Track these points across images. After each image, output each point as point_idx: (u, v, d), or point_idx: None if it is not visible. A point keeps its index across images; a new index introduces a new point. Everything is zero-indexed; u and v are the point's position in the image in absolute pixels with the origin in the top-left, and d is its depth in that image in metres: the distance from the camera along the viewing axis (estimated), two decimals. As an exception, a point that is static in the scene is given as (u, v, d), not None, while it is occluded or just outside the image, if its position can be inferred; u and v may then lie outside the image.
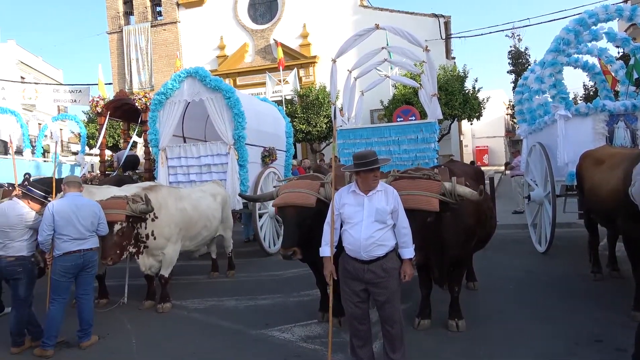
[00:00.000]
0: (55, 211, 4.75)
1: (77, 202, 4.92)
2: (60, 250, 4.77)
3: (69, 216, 4.77)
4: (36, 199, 5.04)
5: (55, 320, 4.78)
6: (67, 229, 4.75)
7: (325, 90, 19.18)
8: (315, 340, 4.84)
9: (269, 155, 9.40)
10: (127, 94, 11.62)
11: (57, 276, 4.79)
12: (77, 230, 4.80)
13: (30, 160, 14.53)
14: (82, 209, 4.91)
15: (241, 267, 8.06)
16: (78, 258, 4.82)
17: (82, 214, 4.86)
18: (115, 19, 25.18)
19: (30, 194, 5.03)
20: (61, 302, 4.85)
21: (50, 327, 4.75)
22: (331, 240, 3.76)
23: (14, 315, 4.91)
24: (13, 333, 4.91)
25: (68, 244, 4.76)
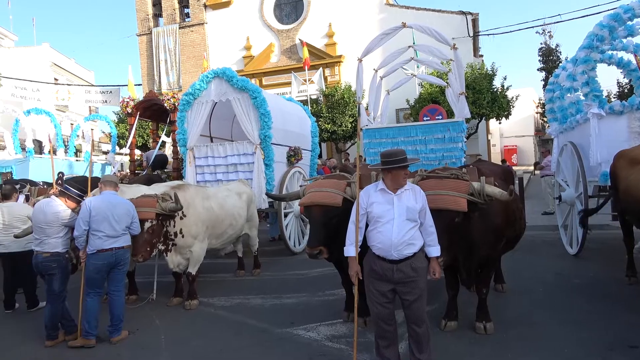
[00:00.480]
0: (92, 207, 4.91)
1: (112, 201, 5.08)
2: (94, 248, 4.90)
3: (105, 213, 4.92)
4: (72, 197, 5.20)
5: (93, 311, 4.97)
6: (102, 226, 4.89)
7: (350, 89, 19.13)
8: (341, 339, 4.84)
9: (295, 155, 9.44)
10: (156, 94, 11.83)
11: (91, 273, 4.96)
12: (112, 227, 4.94)
13: (64, 159, 14.97)
14: (118, 207, 5.06)
15: (267, 266, 8.12)
16: (110, 256, 4.97)
17: (117, 212, 5.01)
18: (144, 21, 25.70)
19: (67, 192, 5.20)
20: (97, 294, 5.03)
21: (90, 318, 4.94)
22: (356, 240, 3.74)
23: (49, 309, 5.08)
24: (47, 327, 5.08)
25: (101, 241, 4.90)
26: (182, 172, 9.83)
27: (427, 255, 3.72)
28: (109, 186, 5.23)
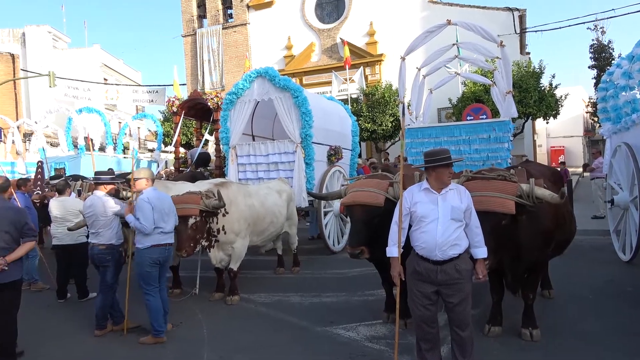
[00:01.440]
0: (152, 203, 4.96)
1: (161, 196, 5.16)
2: (150, 242, 4.96)
3: (160, 208, 5.02)
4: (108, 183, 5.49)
5: (158, 309, 5.00)
6: (159, 221, 4.99)
7: (391, 88, 18.94)
8: (381, 340, 4.81)
9: (335, 154, 9.44)
10: (200, 94, 12.11)
11: (147, 268, 4.99)
12: (166, 222, 5.06)
13: (112, 156, 15.58)
14: (165, 202, 5.16)
15: (306, 264, 8.16)
16: (164, 251, 5.07)
17: (166, 208, 5.12)
18: (189, 23, 26.36)
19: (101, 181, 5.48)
20: (155, 291, 5.05)
21: (156, 317, 4.97)
22: (399, 241, 3.69)
23: (100, 300, 5.30)
24: (98, 316, 5.30)
25: (159, 236, 5.00)
26: (224, 170, 10.02)
27: (473, 256, 3.63)
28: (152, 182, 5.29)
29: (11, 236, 4.21)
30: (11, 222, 4.22)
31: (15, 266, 4.27)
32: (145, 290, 5.01)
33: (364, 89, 19.67)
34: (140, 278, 5.02)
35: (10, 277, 4.21)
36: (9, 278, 4.20)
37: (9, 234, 4.19)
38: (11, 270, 4.21)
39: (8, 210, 4.31)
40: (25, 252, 4.35)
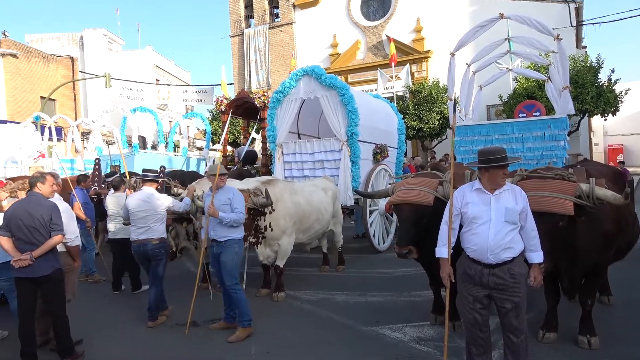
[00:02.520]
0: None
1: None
2: (240, 235, 5.16)
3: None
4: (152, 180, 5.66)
5: (244, 299, 5.11)
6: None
7: (438, 85, 18.56)
8: (428, 342, 4.71)
9: (381, 152, 9.34)
10: (247, 93, 12.29)
11: (237, 261, 5.13)
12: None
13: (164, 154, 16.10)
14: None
15: (350, 263, 8.13)
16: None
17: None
18: (237, 23, 26.87)
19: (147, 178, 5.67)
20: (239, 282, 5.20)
21: (243, 306, 5.07)
22: (449, 241, 3.59)
23: (154, 292, 5.49)
24: (152, 309, 5.50)
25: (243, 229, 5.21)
26: (270, 168, 10.14)
27: (528, 261, 3.47)
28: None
29: (39, 231, 4.33)
30: (37, 218, 4.33)
31: (46, 261, 4.36)
32: (236, 280, 5.10)
33: (410, 87, 19.39)
34: (232, 270, 5.06)
35: (39, 272, 4.32)
36: (38, 273, 4.32)
37: (36, 229, 4.32)
38: (40, 265, 4.32)
39: (36, 207, 4.40)
40: (51, 247, 4.39)
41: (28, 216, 4.31)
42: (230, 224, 4.96)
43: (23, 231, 4.31)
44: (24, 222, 4.30)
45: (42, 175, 4.70)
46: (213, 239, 5.05)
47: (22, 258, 4.25)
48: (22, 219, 4.31)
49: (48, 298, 4.49)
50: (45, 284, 4.41)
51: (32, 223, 4.31)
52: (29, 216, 4.31)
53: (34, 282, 4.38)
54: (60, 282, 4.59)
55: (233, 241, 5.05)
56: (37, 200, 4.48)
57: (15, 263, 4.27)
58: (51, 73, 24.32)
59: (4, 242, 4.37)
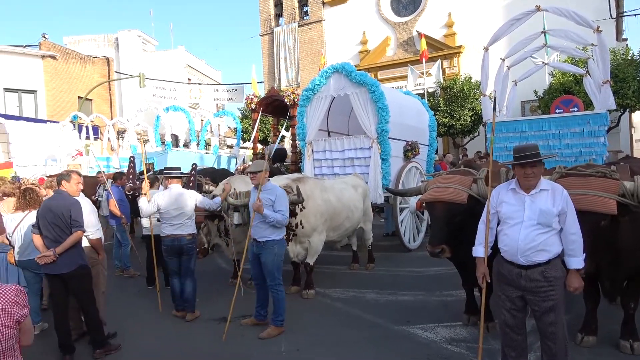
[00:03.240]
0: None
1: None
2: (282, 235, 5.12)
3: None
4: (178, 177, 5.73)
5: (284, 301, 5.14)
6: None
7: (470, 81, 18.16)
8: (461, 343, 4.62)
9: (412, 150, 9.22)
10: (277, 91, 12.36)
11: (282, 257, 5.14)
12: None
13: (195, 152, 16.37)
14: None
15: (380, 261, 8.07)
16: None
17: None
18: (267, 22, 27.04)
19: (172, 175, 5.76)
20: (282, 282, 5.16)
21: (280, 307, 5.11)
22: (486, 240, 3.50)
23: (190, 285, 5.62)
24: (190, 302, 5.62)
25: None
26: (300, 166, 10.15)
27: (566, 265, 3.32)
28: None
29: (60, 228, 4.43)
30: (60, 216, 4.42)
31: (69, 257, 4.46)
32: (279, 281, 5.09)
33: (441, 83, 19.07)
34: (275, 269, 5.05)
35: (63, 269, 4.43)
36: (61, 269, 4.43)
37: (58, 226, 4.43)
38: (64, 262, 4.41)
39: (59, 205, 4.49)
40: (72, 243, 4.45)
41: (52, 214, 4.43)
42: (273, 224, 4.92)
43: (48, 229, 4.43)
44: (49, 219, 4.43)
45: (67, 173, 4.82)
46: (254, 238, 5.07)
47: (45, 255, 4.36)
48: (47, 217, 4.43)
49: (75, 294, 4.61)
50: (71, 280, 4.51)
51: (55, 221, 4.42)
52: (52, 214, 4.43)
53: (60, 278, 4.50)
54: (86, 277, 4.68)
55: (273, 242, 5.01)
56: (61, 197, 4.59)
57: (40, 260, 4.39)
58: (88, 74, 25.07)
59: (35, 240, 4.53)
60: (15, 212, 5.25)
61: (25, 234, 5.07)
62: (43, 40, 22.93)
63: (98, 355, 4.54)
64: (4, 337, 2.08)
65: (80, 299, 4.62)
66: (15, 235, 5.11)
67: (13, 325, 2.12)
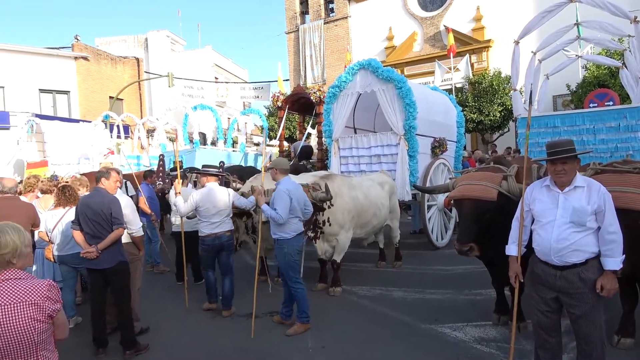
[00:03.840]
0: (291, 193, 5.00)
1: (297, 186, 5.24)
2: (295, 231, 5.05)
3: (300, 199, 5.10)
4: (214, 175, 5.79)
5: (305, 297, 5.12)
6: (297, 211, 5.07)
7: (500, 76, 17.79)
8: (491, 343, 4.53)
9: (440, 146, 9.09)
10: (303, 88, 12.39)
11: (296, 256, 5.07)
12: (302, 212, 5.15)
13: (223, 150, 16.57)
14: (301, 192, 5.23)
15: (407, 259, 7.99)
16: (302, 239, 5.20)
17: (303, 197, 5.22)
18: (292, 19, 27.12)
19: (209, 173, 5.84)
20: (301, 279, 5.18)
21: (305, 304, 5.12)
22: (519, 239, 3.41)
23: (229, 281, 5.69)
24: (228, 297, 5.71)
25: (300, 224, 5.14)
26: (326, 163, 10.14)
27: (603, 266, 3.16)
28: (284, 173, 5.23)
29: (100, 225, 4.55)
30: (99, 213, 4.54)
31: (110, 253, 4.58)
32: (295, 279, 5.08)
33: (469, 78, 18.74)
34: (288, 268, 5.06)
35: (105, 264, 4.56)
36: (103, 264, 4.57)
37: (98, 223, 4.55)
38: (106, 257, 4.55)
39: (98, 202, 4.60)
40: (113, 240, 4.58)
41: (91, 211, 4.55)
42: (273, 220, 4.93)
43: (88, 225, 4.56)
44: (88, 216, 4.55)
45: (107, 170, 4.94)
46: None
47: (89, 250, 4.51)
48: (87, 214, 4.56)
49: (114, 289, 4.73)
50: (111, 275, 4.64)
51: (95, 217, 4.54)
52: (92, 211, 4.55)
53: (101, 273, 4.64)
54: (125, 273, 4.80)
55: (282, 241, 5.01)
56: (100, 195, 4.70)
57: (84, 255, 4.55)
58: (119, 74, 25.67)
59: (76, 235, 4.67)
60: (55, 209, 5.41)
61: (65, 230, 5.23)
62: (76, 42, 23.60)
63: (128, 356, 4.63)
64: (37, 331, 2.14)
65: (118, 295, 4.74)
66: (56, 231, 5.27)
67: (46, 320, 2.18)
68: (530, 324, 4.42)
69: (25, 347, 2.12)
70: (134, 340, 4.74)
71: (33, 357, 2.16)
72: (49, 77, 21.74)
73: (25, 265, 2.25)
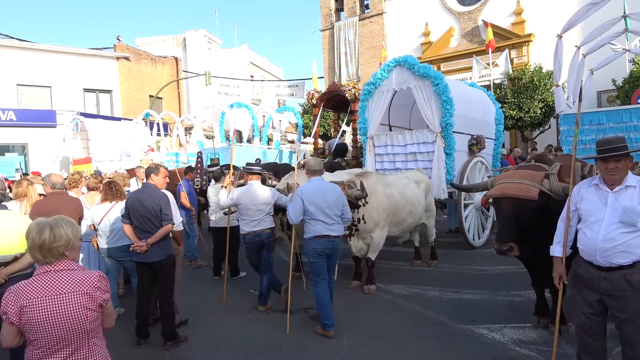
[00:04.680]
0: (303, 194, 4.88)
1: (323, 187, 5.02)
2: (312, 234, 4.91)
3: (318, 201, 4.86)
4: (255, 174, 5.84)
5: (323, 302, 4.92)
6: (318, 213, 4.86)
7: (541, 71, 17.24)
8: (530, 346, 4.43)
9: (477, 144, 8.91)
10: (338, 86, 12.39)
11: (312, 258, 4.94)
12: (325, 214, 4.88)
13: (258, 147, 16.80)
14: (330, 193, 4.99)
15: (443, 258, 7.89)
16: (327, 243, 4.90)
17: (331, 199, 4.96)
18: (327, 17, 27.11)
19: (252, 171, 5.89)
20: (321, 283, 4.96)
21: (322, 309, 4.93)
22: (565, 239, 3.31)
23: (267, 279, 5.75)
24: (264, 294, 5.79)
25: (319, 227, 4.90)
26: (361, 160, 10.11)
27: None
28: (317, 173, 5.13)
29: (150, 220, 4.71)
30: (149, 208, 4.69)
31: (159, 247, 4.74)
32: (314, 281, 5.00)
33: (509, 73, 18.25)
34: (309, 268, 5.07)
35: (154, 257, 4.72)
36: (152, 258, 4.73)
37: (148, 218, 4.70)
38: (155, 251, 4.71)
39: (148, 197, 4.75)
40: (162, 236, 4.74)
41: (141, 206, 4.72)
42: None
43: (138, 219, 4.73)
44: (139, 211, 4.71)
45: (156, 166, 5.10)
46: None
47: (139, 244, 4.69)
48: (137, 209, 4.72)
49: (160, 282, 4.88)
50: (159, 269, 4.81)
51: (145, 212, 4.71)
52: (142, 206, 4.71)
53: (150, 266, 4.80)
54: (172, 267, 4.97)
55: (305, 240, 5.00)
56: (150, 190, 4.86)
57: (134, 249, 4.73)
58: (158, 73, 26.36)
59: (126, 229, 4.86)
60: (102, 203, 5.64)
61: (111, 224, 5.44)
62: (118, 42, 24.36)
63: (169, 347, 4.77)
64: (88, 319, 2.26)
65: (163, 288, 4.90)
66: (102, 225, 5.49)
67: (96, 309, 2.30)
68: (572, 327, 4.31)
69: (78, 334, 2.24)
70: (174, 332, 4.88)
71: (85, 343, 2.27)
72: (92, 77, 22.55)
73: (76, 257, 2.37)
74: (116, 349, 4.74)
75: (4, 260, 3.50)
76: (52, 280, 2.24)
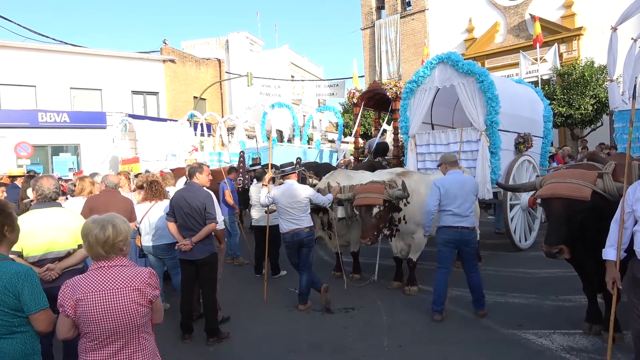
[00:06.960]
0: (441, 185, 5.16)
1: (460, 179, 5.26)
2: (442, 223, 5.23)
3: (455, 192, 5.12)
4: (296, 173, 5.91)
5: (441, 286, 5.21)
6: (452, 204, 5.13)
7: (592, 66, 16.44)
8: (581, 353, 4.24)
9: (524, 142, 8.58)
10: (379, 84, 12.28)
11: (440, 246, 5.27)
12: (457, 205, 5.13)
13: (299, 147, 16.89)
14: (466, 186, 5.23)
15: (488, 260, 7.68)
16: (455, 234, 5.16)
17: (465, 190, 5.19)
18: (368, 15, 26.94)
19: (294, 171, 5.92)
20: (443, 270, 5.27)
21: (436, 294, 5.23)
22: (619, 242, 3.15)
23: (306, 278, 5.78)
24: (303, 293, 5.83)
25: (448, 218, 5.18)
26: (402, 160, 9.97)
27: None
28: (452, 165, 5.41)
29: (195, 219, 4.81)
30: (194, 206, 4.79)
31: (203, 245, 4.86)
32: (437, 266, 5.32)
33: (558, 69, 17.52)
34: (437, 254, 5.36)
35: (198, 255, 4.83)
36: (196, 256, 4.84)
37: (193, 217, 4.81)
38: (199, 249, 4.83)
39: (192, 196, 4.86)
40: (206, 234, 4.85)
41: (186, 204, 4.84)
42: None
43: (184, 218, 4.87)
44: (183, 209, 4.84)
45: (200, 165, 5.23)
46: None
47: (184, 243, 4.81)
48: (182, 207, 4.85)
49: (203, 280, 5.00)
50: (202, 266, 4.92)
51: (190, 211, 4.83)
52: (186, 204, 4.84)
53: (193, 264, 4.92)
54: (215, 265, 5.08)
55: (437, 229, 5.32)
56: (194, 189, 4.99)
57: (179, 247, 4.86)
58: (202, 75, 27.00)
59: (170, 227, 5.01)
60: (142, 203, 5.83)
61: (151, 223, 5.61)
62: (164, 46, 25.13)
63: (212, 342, 4.88)
64: (139, 314, 2.33)
65: (205, 285, 5.01)
66: (143, 224, 5.67)
67: (147, 304, 2.37)
68: (627, 335, 4.09)
69: (128, 328, 2.32)
70: (217, 328, 4.98)
71: (135, 338, 2.35)
72: (140, 80, 23.37)
73: (128, 254, 2.46)
74: (161, 342, 4.90)
75: (58, 256, 3.67)
76: (106, 275, 2.32)
